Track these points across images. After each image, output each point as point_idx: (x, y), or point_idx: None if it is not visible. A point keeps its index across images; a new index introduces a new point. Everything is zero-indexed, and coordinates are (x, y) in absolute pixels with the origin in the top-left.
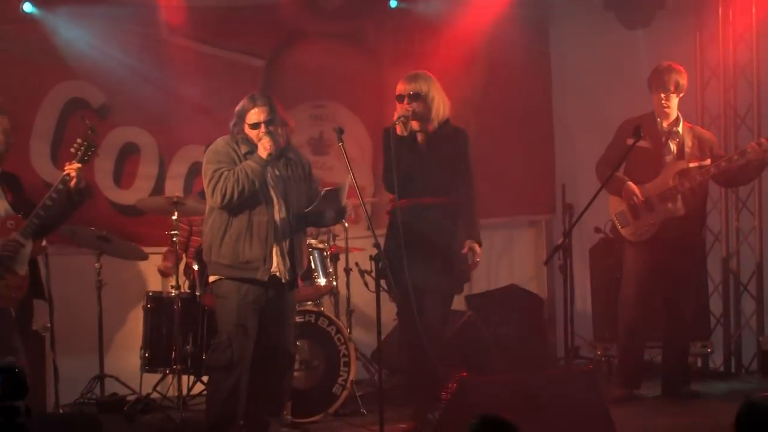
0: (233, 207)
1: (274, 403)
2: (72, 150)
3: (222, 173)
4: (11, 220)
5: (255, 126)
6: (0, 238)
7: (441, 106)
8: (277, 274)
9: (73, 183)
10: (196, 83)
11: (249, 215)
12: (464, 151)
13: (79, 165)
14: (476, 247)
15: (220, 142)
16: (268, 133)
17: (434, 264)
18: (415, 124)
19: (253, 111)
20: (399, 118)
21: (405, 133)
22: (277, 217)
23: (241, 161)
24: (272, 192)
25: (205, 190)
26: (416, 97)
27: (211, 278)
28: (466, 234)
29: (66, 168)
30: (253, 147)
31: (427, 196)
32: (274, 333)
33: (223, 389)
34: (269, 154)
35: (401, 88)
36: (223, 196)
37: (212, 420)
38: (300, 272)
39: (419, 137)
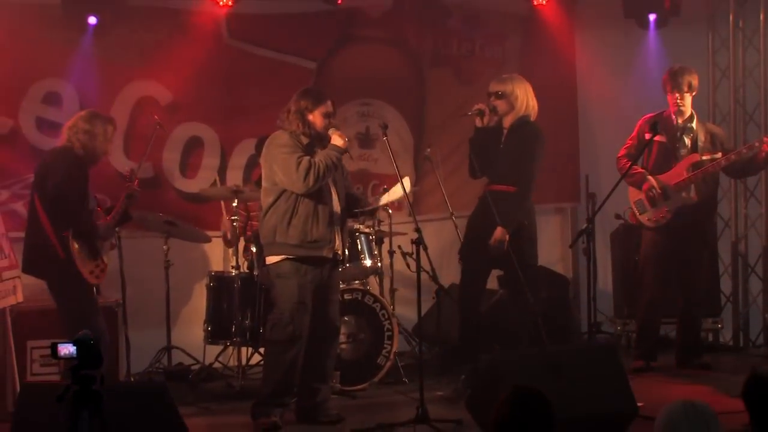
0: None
1: (323, 371)
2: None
3: (309, 160)
4: (99, 211)
5: (328, 115)
6: (102, 223)
7: (524, 105)
8: (339, 251)
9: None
10: (253, 83)
11: (314, 200)
12: (531, 146)
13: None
14: (498, 232)
15: (285, 135)
16: (336, 126)
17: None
18: (501, 119)
19: (327, 104)
20: (474, 110)
21: (482, 125)
22: (335, 202)
23: (304, 151)
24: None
25: (286, 175)
26: (500, 96)
27: (275, 259)
28: (501, 219)
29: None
30: (311, 139)
31: (498, 183)
32: (324, 308)
33: (283, 362)
34: (347, 145)
35: (491, 86)
36: (316, 180)
37: (270, 390)
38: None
39: (504, 131)
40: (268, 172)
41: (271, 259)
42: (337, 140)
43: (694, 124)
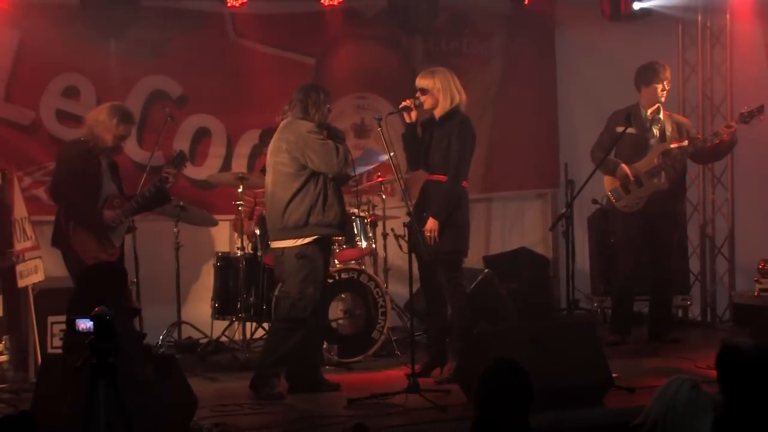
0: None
1: (315, 346)
2: (170, 158)
3: (342, 145)
4: (117, 199)
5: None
6: (110, 211)
7: (449, 98)
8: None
9: (169, 185)
10: (257, 77)
11: (335, 181)
12: (458, 135)
13: (176, 171)
14: (429, 222)
15: (309, 124)
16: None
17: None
18: (431, 112)
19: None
20: (400, 107)
21: (410, 120)
22: None
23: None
24: None
25: (323, 160)
26: (424, 91)
27: (305, 240)
28: (432, 209)
29: (164, 172)
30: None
31: (433, 173)
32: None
33: (292, 339)
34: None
35: (416, 81)
36: (347, 163)
37: (272, 361)
38: None
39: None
40: (298, 156)
41: (299, 241)
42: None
43: (661, 115)
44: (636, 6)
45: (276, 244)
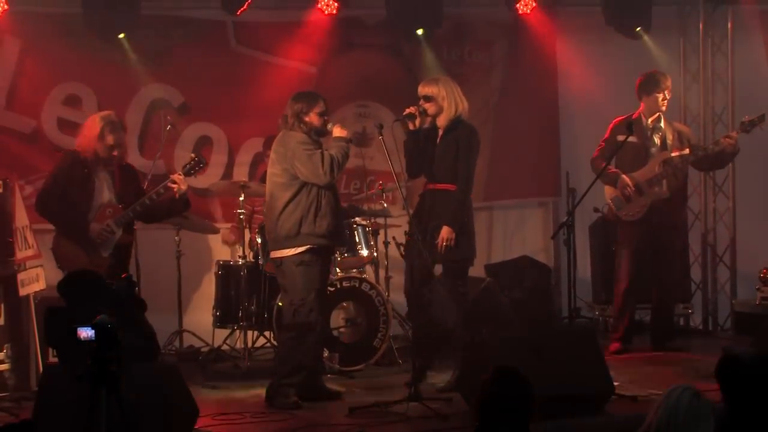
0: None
1: (318, 353)
2: (183, 163)
3: (329, 154)
4: (110, 208)
5: (323, 114)
6: (97, 224)
7: (453, 106)
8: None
9: (175, 191)
10: (259, 86)
11: (332, 192)
12: (467, 145)
13: (183, 176)
14: (445, 231)
15: (300, 135)
16: (333, 121)
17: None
18: (435, 120)
19: (320, 103)
20: (405, 114)
21: (414, 128)
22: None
23: (319, 147)
24: None
25: (310, 170)
26: (428, 98)
27: (298, 249)
28: (446, 218)
29: (172, 176)
30: (314, 135)
31: (438, 182)
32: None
33: (303, 346)
34: (349, 135)
35: (419, 89)
36: (338, 171)
37: (287, 372)
38: None
39: (439, 132)
40: (288, 168)
41: (292, 251)
42: (340, 132)
43: (662, 124)
44: (637, 29)
45: (274, 254)
